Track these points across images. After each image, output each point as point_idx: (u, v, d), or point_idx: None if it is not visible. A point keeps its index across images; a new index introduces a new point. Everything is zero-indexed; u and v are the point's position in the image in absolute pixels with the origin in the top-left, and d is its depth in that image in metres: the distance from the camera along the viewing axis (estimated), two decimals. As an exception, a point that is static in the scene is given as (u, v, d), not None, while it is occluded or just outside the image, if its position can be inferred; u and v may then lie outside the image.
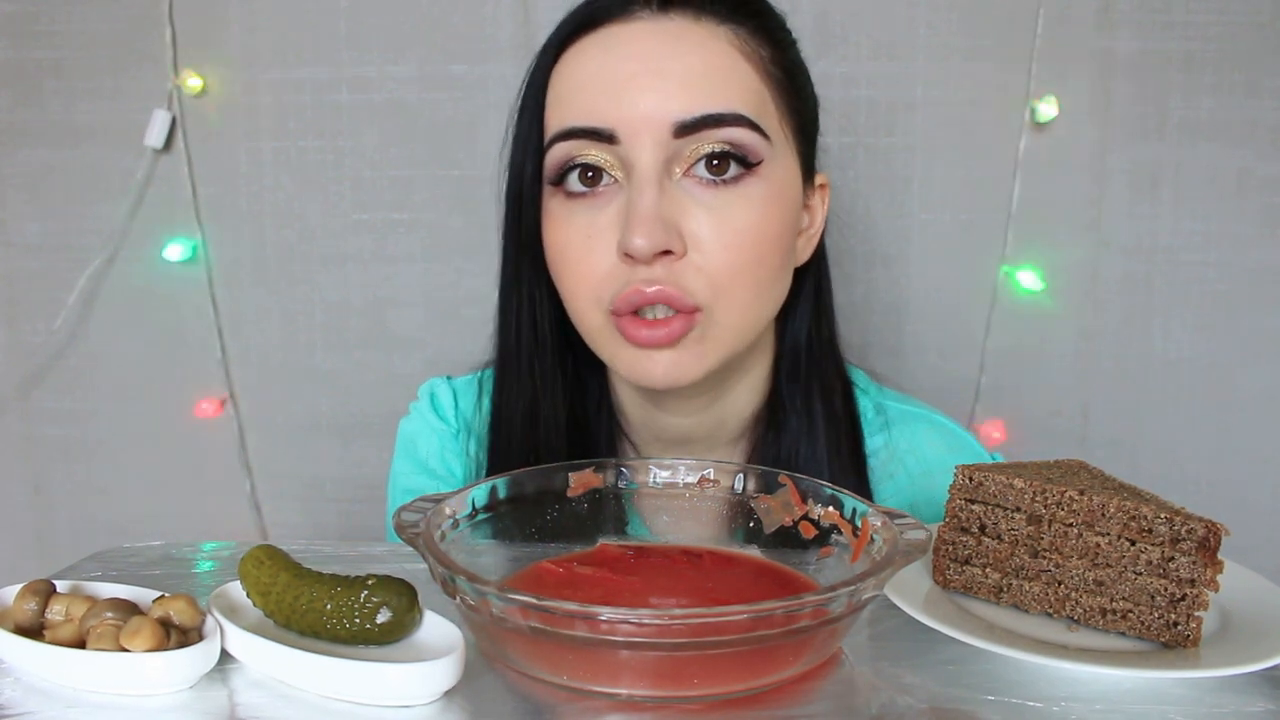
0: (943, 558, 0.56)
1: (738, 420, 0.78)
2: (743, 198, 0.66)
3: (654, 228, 0.63)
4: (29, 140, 1.19)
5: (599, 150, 0.66)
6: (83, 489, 1.26)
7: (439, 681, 0.44)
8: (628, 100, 0.64)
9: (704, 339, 0.67)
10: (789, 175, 0.69)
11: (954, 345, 1.17)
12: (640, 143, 0.64)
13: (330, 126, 1.16)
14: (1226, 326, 1.15)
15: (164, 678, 0.44)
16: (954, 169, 1.13)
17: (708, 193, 0.66)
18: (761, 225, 0.66)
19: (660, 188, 0.65)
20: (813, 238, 0.75)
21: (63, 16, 1.16)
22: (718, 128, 0.64)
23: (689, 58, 0.65)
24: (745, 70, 0.66)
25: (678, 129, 0.64)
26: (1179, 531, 0.49)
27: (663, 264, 0.65)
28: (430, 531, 0.49)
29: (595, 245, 0.67)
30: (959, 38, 1.11)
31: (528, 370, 0.76)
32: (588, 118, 0.66)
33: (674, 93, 0.64)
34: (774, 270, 0.69)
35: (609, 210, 0.66)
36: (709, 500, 0.61)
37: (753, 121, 0.66)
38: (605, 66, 0.66)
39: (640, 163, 0.65)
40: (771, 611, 0.41)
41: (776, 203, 0.67)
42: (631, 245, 0.63)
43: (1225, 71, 1.10)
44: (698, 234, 0.65)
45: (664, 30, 0.66)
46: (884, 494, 0.77)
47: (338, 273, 1.19)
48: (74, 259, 1.20)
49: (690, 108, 0.64)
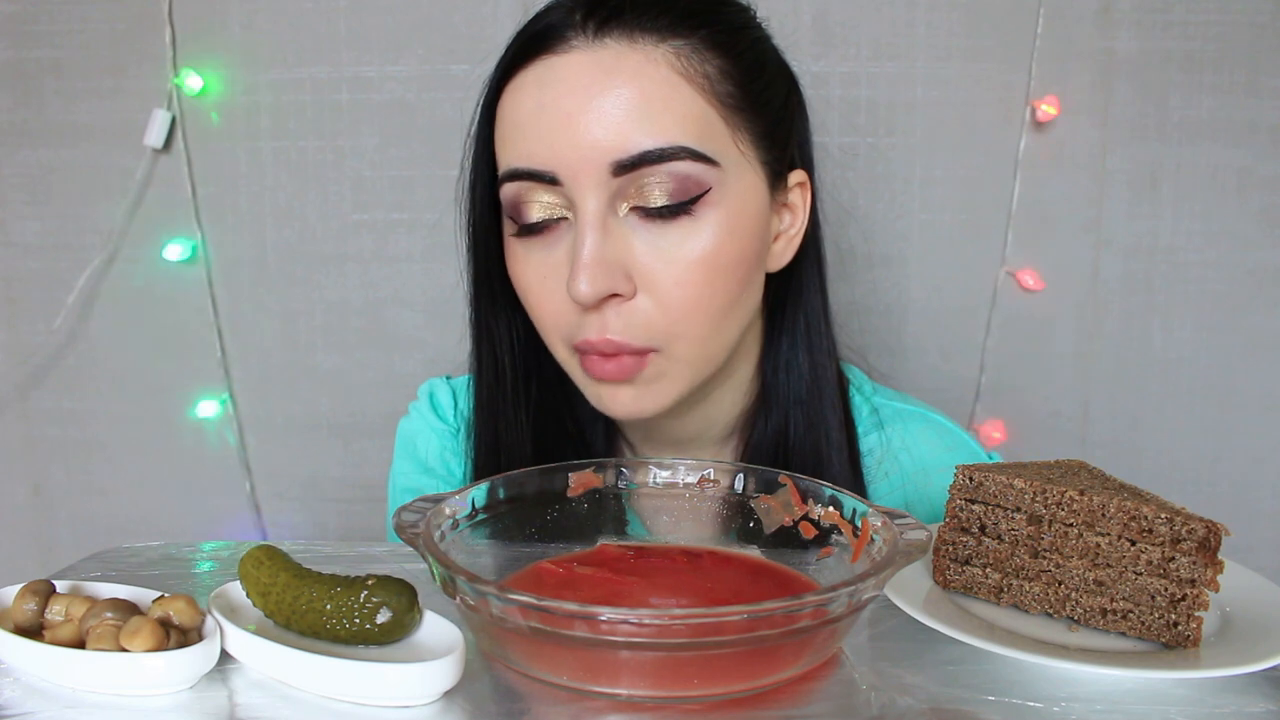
0: (943, 558, 0.56)
1: (726, 419, 0.78)
2: (692, 228, 0.64)
3: (596, 274, 0.63)
4: (29, 140, 1.19)
5: (543, 192, 0.65)
6: (83, 489, 1.26)
7: (439, 681, 0.44)
8: (564, 142, 0.63)
9: (662, 376, 0.67)
10: (748, 191, 0.67)
11: (954, 345, 1.17)
12: (581, 184, 0.63)
13: (330, 126, 1.16)
14: (1226, 326, 1.15)
15: (164, 678, 0.44)
16: (954, 169, 1.13)
17: (655, 228, 0.64)
18: (714, 253, 0.65)
19: (604, 229, 0.64)
20: (794, 238, 0.73)
21: (63, 16, 1.16)
22: (659, 163, 0.62)
23: (624, 90, 0.62)
24: (686, 95, 0.63)
25: (616, 168, 0.63)
26: (1179, 532, 0.49)
27: (611, 307, 0.65)
28: (430, 531, 0.49)
29: (550, 285, 0.67)
30: (959, 38, 1.11)
31: (510, 398, 0.76)
32: (529, 160, 0.65)
33: (610, 131, 0.62)
34: (732, 294, 0.67)
35: (559, 249, 0.66)
36: (709, 500, 0.61)
37: (696, 151, 0.63)
38: (542, 106, 0.64)
39: (584, 204, 0.64)
40: (771, 612, 0.41)
41: (731, 228, 0.65)
42: (576, 293, 0.63)
43: (1225, 71, 1.10)
44: (646, 272, 0.64)
45: (599, 61, 0.63)
46: (879, 493, 0.77)
47: (338, 273, 1.19)
48: (74, 259, 1.20)
49: (626, 146, 0.62)
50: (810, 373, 0.76)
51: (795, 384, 0.76)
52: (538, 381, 0.77)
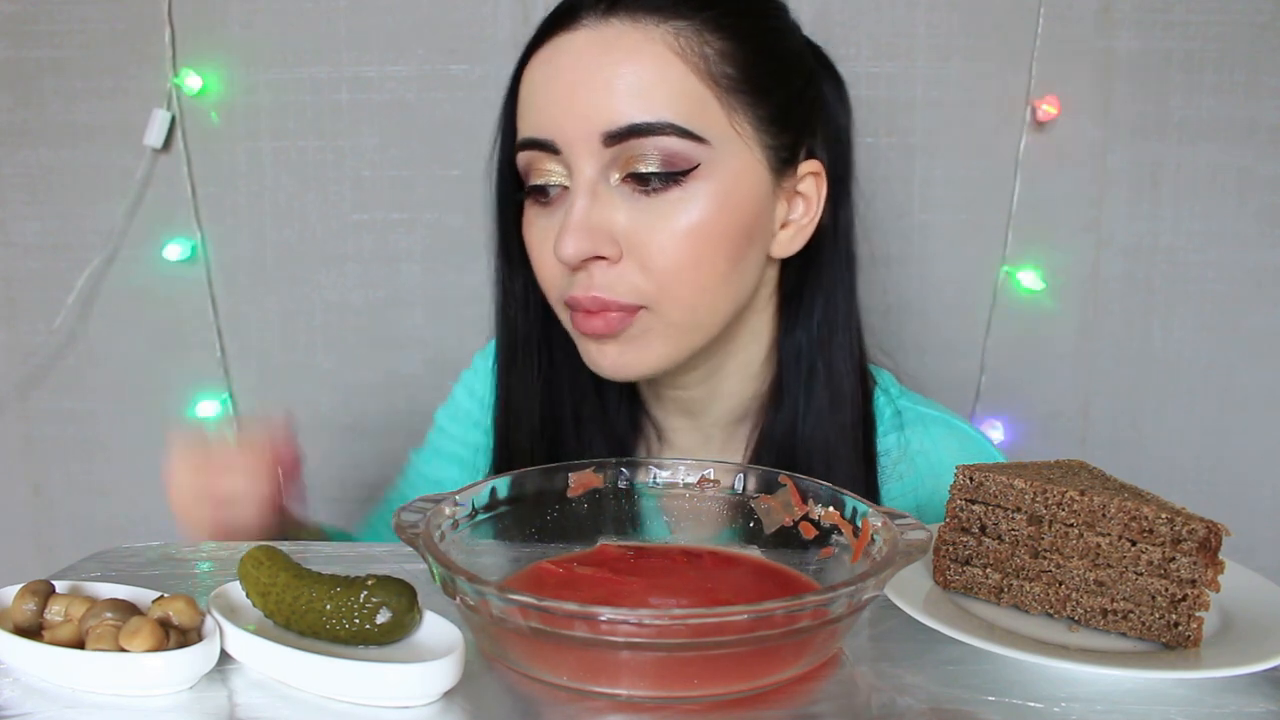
0: (943, 558, 0.56)
1: (737, 398, 0.79)
2: (680, 200, 0.67)
3: (579, 236, 0.67)
4: (29, 140, 1.19)
5: (548, 160, 0.69)
6: (83, 489, 1.26)
7: (439, 681, 0.44)
8: (563, 111, 0.67)
9: (649, 333, 0.70)
10: (743, 172, 0.69)
11: (954, 345, 1.17)
12: (576, 152, 0.67)
13: (330, 126, 1.16)
14: (1226, 326, 1.15)
15: (163, 678, 0.44)
16: (954, 169, 1.13)
17: (643, 198, 0.67)
18: (700, 225, 0.67)
19: (594, 195, 0.67)
20: (805, 228, 0.74)
21: (63, 16, 1.16)
22: (645, 136, 0.66)
23: (620, 66, 0.66)
24: (679, 74, 0.66)
25: (605, 138, 0.66)
26: (1180, 532, 0.49)
27: (597, 269, 0.68)
28: (430, 531, 0.49)
29: (547, 248, 0.70)
30: (959, 38, 1.11)
31: (522, 352, 0.80)
32: (535, 130, 0.69)
33: (603, 103, 0.66)
34: (719, 268, 0.69)
35: (557, 215, 0.70)
36: (709, 500, 0.61)
37: (682, 128, 0.66)
38: (550, 78, 0.68)
39: (580, 172, 0.68)
40: (772, 612, 0.41)
41: (721, 201, 0.68)
42: (559, 253, 0.67)
43: (1225, 71, 1.10)
44: (631, 238, 0.68)
45: (601, 39, 0.67)
46: (892, 493, 0.77)
47: (338, 273, 1.19)
48: (74, 259, 1.20)
49: (616, 119, 0.66)
50: (825, 368, 0.76)
51: (808, 376, 0.76)
52: (553, 345, 0.79)
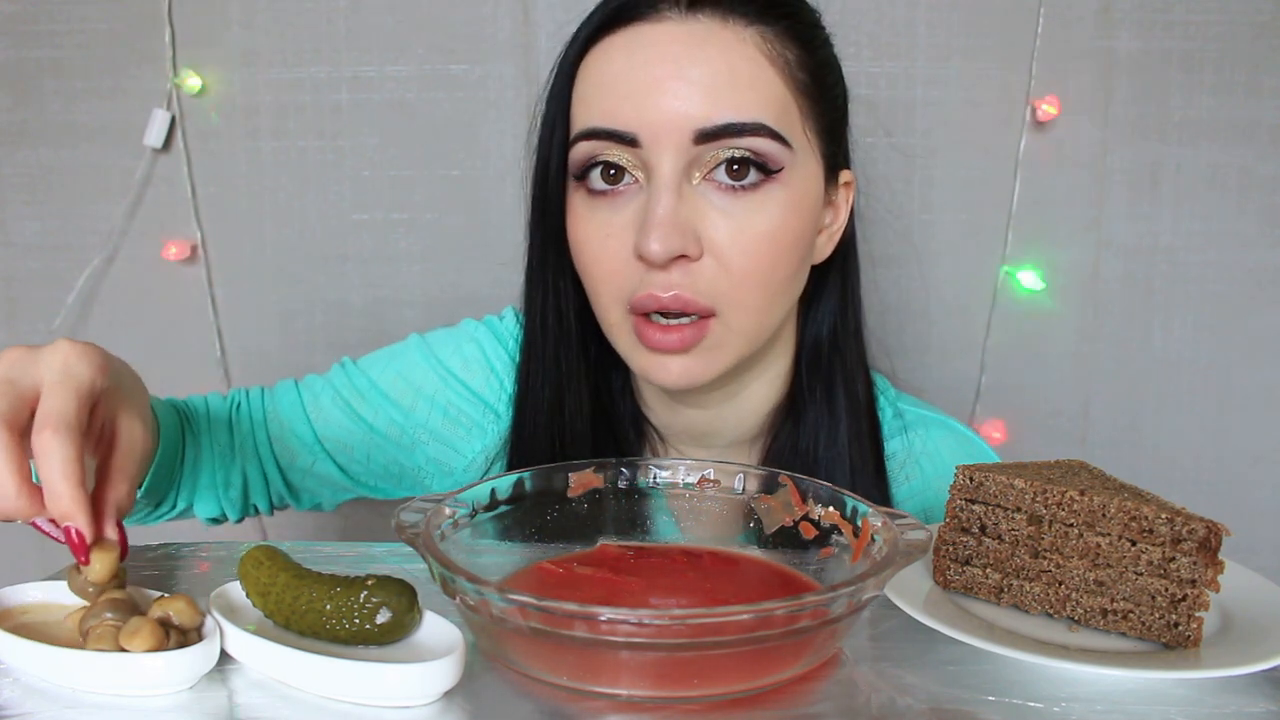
0: (943, 558, 0.56)
1: (757, 415, 0.78)
2: (761, 204, 0.66)
3: (670, 233, 0.64)
4: (29, 140, 1.19)
5: (620, 151, 0.66)
6: (82, 489, 1.26)
7: (439, 681, 0.44)
8: (651, 105, 0.64)
9: (716, 345, 0.68)
10: (810, 179, 0.69)
11: (954, 345, 1.17)
12: (661, 148, 0.65)
13: (330, 126, 1.16)
14: (1226, 326, 1.15)
15: (163, 678, 0.44)
16: (954, 169, 1.13)
17: (726, 198, 0.66)
18: (778, 232, 0.66)
19: (678, 193, 0.65)
20: (835, 234, 0.75)
21: (63, 16, 1.16)
22: (739, 136, 0.64)
23: (714, 63, 0.64)
24: (770, 76, 0.66)
25: (698, 136, 0.64)
26: (1180, 532, 0.49)
27: (678, 268, 0.66)
28: (430, 531, 0.49)
29: (612, 244, 0.67)
30: (959, 38, 1.11)
31: (553, 358, 0.76)
32: (611, 120, 0.66)
33: (697, 100, 0.64)
34: (788, 274, 0.69)
35: (627, 210, 0.67)
36: (709, 500, 0.61)
37: (774, 130, 0.65)
38: (630, 69, 0.66)
39: (660, 167, 0.65)
40: (772, 612, 0.41)
41: (795, 209, 0.67)
42: (647, 250, 0.64)
43: (1225, 71, 1.10)
44: (714, 239, 0.66)
45: (690, 33, 0.65)
46: (900, 496, 0.77)
47: (338, 273, 1.19)
48: (73, 259, 1.20)
49: (712, 116, 0.64)
50: (842, 374, 0.76)
51: (827, 384, 0.76)
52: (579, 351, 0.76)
